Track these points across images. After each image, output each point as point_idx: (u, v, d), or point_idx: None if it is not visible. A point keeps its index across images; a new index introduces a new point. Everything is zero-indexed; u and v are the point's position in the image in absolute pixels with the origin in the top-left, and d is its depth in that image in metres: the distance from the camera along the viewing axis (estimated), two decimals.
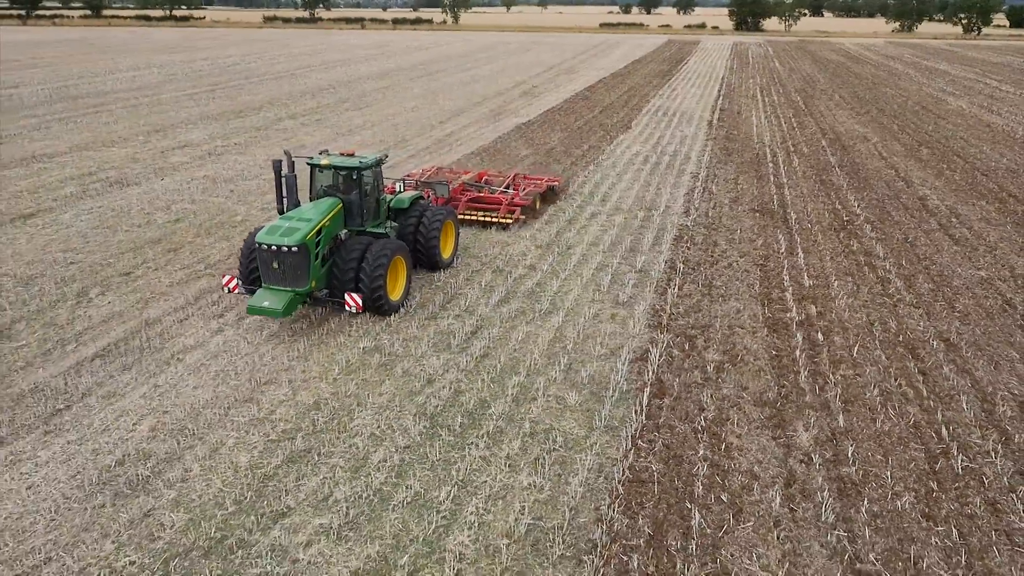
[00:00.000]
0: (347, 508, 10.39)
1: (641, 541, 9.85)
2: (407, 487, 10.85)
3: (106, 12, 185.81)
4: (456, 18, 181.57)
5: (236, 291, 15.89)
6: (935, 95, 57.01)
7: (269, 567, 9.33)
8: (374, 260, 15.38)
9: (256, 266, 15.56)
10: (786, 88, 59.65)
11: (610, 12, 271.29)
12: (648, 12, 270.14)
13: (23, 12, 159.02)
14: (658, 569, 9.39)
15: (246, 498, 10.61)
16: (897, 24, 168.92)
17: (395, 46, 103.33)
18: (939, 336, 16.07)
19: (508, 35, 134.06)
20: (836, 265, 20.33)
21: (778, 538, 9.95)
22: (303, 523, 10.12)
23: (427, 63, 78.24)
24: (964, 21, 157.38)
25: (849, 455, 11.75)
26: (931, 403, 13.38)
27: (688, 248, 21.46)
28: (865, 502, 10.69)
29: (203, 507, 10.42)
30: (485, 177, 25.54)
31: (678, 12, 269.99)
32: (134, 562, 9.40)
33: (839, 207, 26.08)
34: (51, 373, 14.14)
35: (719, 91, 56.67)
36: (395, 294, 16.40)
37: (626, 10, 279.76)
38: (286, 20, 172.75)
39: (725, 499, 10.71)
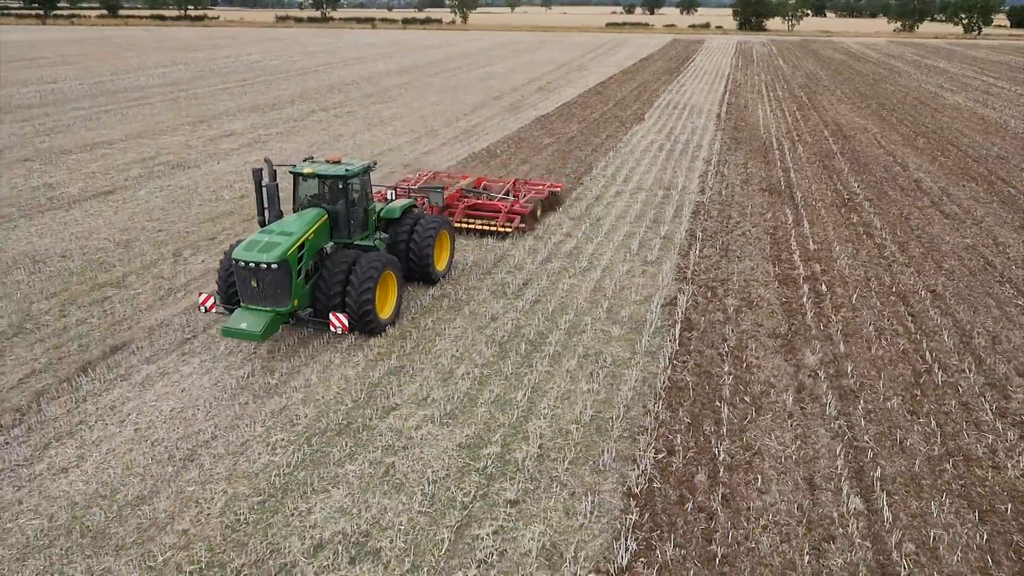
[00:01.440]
0: (443, 404, 12.93)
1: (682, 427, 12.37)
2: (489, 391, 13.39)
3: (121, 12, 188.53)
4: (465, 18, 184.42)
5: (213, 310, 14.80)
6: (933, 91, 59.46)
7: (391, 442, 11.87)
8: (362, 276, 14.32)
9: (235, 283, 14.50)
10: (790, 84, 62.10)
11: (613, 12, 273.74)
12: (651, 12, 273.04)
13: (42, 12, 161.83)
14: (696, 444, 11.91)
15: (360, 398, 13.15)
16: (899, 24, 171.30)
17: (407, 45, 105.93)
18: (927, 288, 18.58)
19: (517, 34, 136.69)
20: (838, 234, 22.84)
21: (791, 425, 12.47)
22: (410, 414, 12.66)
23: (442, 61, 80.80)
24: (965, 21, 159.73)
25: (848, 371, 14.27)
26: (918, 336, 15.90)
27: (705, 220, 23.97)
28: (861, 403, 13.21)
29: (327, 404, 12.96)
30: (484, 183, 24.66)
31: (681, 12, 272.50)
32: (282, 439, 11.93)
33: (840, 187, 28.58)
34: (171, 313, 16.69)
35: (725, 87, 59.12)
36: (385, 312, 15.28)
37: (629, 10, 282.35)
38: (298, 20, 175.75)
39: (747, 400, 13.23)
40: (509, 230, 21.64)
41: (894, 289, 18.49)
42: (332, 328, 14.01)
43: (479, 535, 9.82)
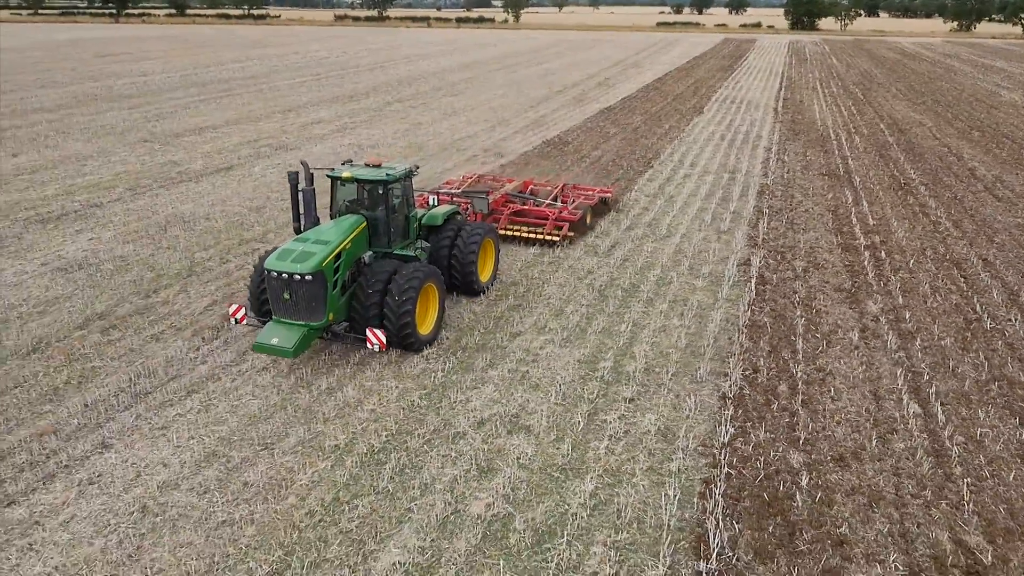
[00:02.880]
0: (560, 332, 15.47)
1: (763, 354, 14.70)
2: (596, 323, 15.89)
3: (188, 11, 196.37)
4: (517, 17, 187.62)
5: (244, 322, 14.04)
6: (990, 89, 60.12)
7: (522, 356, 14.44)
8: (401, 289, 13.43)
9: (266, 293, 13.64)
10: (844, 82, 63.28)
11: (661, 12, 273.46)
12: (700, 12, 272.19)
13: (115, 11, 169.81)
14: (776, 366, 14.23)
15: (489, 327, 15.75)
16: (955, 24, 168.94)
17: (464, 43, 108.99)
18: (979, 257, 20.52)
19: (568, 33, 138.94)
20: (895, 212, 24.78)
21: (857, 355, 14.70)
22: (533, 338, 15.22)
23: (500, 58, 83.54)
24: None
25: (907, 318, 16.41)
26: (969, 294, 17.93)
27: (770, 199, 26.11)
28: (918, 341, 15.36)
29: (462, 330, 15.57)
30: (531, 187, 23.48)
31: (730, 12, 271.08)
32: (431, 353, 14.55)
33: (897, 173, 30.38)
34: None
35: (780, 84, 60.62)
36: (425, 327, 14.39)
37: (678, 10, 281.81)
38: (355, 19, 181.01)
39: (818, 336, 15.50)
40: (557, 239, 20.33)
41: (948, 257, 20.47)
42: (369, 345, 13.17)
43: (606, 419, 12.32)
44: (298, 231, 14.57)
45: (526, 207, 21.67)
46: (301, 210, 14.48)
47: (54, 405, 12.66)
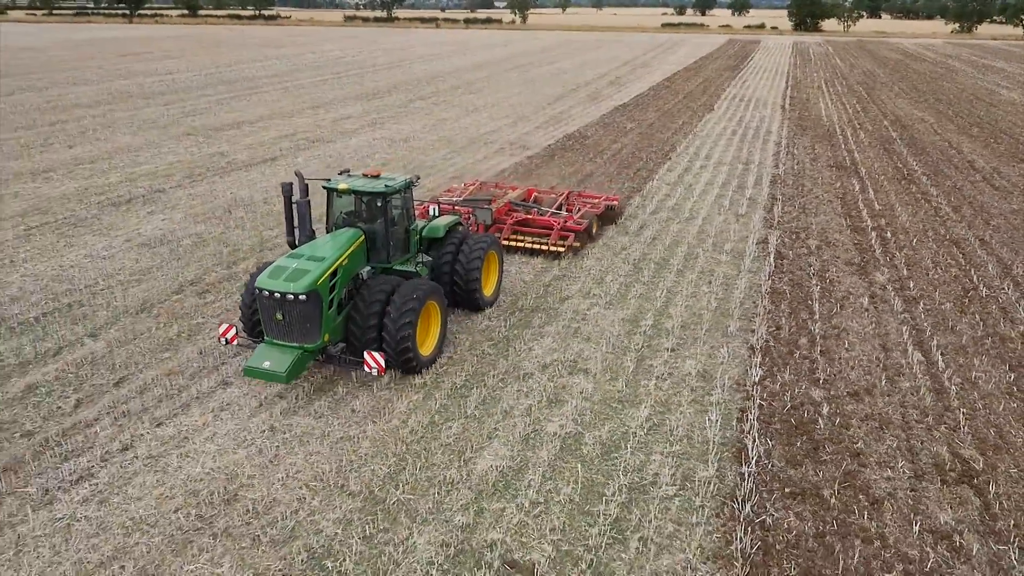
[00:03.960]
0: (603, 297, 17.43)
1: (784, 315, 16.65)
2: (634, 289, 17.86)
3: (200, 12, 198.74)
4: (524, 18, 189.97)
5: (235, 342, 13.42)
6: (989, 88, 62.07)
7: (572, 316, 16.39)
8: (401, 308, 12.72)
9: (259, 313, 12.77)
10: (848, 81, 65.22)
11: (664, 13, 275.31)
12: (703, 13, 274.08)
13: (128, 11, 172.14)
14: (796, 324, 16.19)
15: (540, 292, 17.71)
16: (956, 25, 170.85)
17: (474, 43, 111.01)
18: (976, 237, 22.47)
19: (575, 34, 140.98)
20: (899, 199, 26.74)
21: (867, 315, 16.65)
22: (581, 301, 17.18)
23: (511, 57, 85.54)
24: None
25: (911, 287, 18.37)
26: (967, 267, 19.88)
27: (782, 187, 28.07)
28: (921, 305, 17.31)
29: (515, 295, 17.54)
30: (534, 195, 22.85)
31: (733, 14, 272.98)
32: (492, 313, 16.52)
33: (900, 165, 32.33)
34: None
35: (786, 83, 62.56)
36: (426, 348, 13.69)
37: (680, 11, 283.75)
38: (365, 19, 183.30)
39: (832, 300, 17.45)
40: (562, 249, 19.67)
41: (948, 237, 22.43)
42: (367, 368, 12.45)
43: (652, 364, 14.29)
44: (292, 245, 13.87)
45: (530, 216, 20.83)
46: (295, 223, 13.76)
47: (172, 352, 14.63)
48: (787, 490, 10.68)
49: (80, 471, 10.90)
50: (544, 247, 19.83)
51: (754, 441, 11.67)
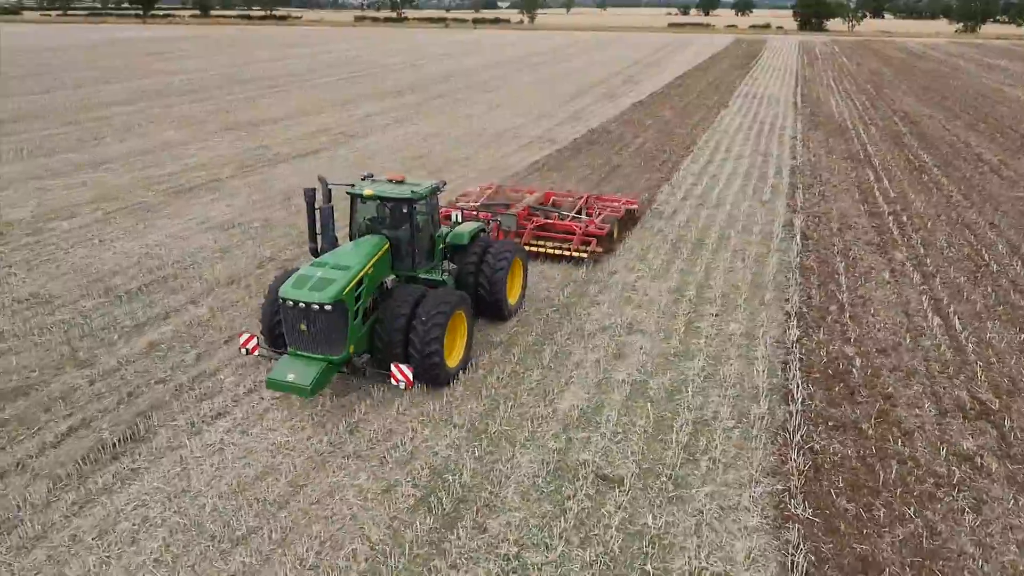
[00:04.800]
0: (647, 271, 19.11)
1: (814, 286, 18.34)
2: (675, 265, 19.56)
3: (211, 12, 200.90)
4: (532, 18, 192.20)
5: (256, 352, 13.08)
6: (994, 86, 63.71)
7: (622, 287, 18.07)
8: (428, 318, 12.43)
9: (282, 321, 12.47)
10: (856, 79, 66.88)
11: (668, 13, 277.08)
12: (706, 13, 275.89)
13: (141, 12, 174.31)
14: (826, 294, 17.88)
15: (590, 266, 19.41)
16: (960, 25, 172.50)
17: (485, 43, 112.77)
18: (986, 221, 24.14)
19: (582, 34, 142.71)
20: (912, 188, 28.42)
21: (889, 287, 18.33)
22: (627, 275, 18.85)
23: (523, 57, 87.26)
24: None
25: (927, 263, 20.06)
26: (978, 247, 21.56)
27: (801, 177, 29.75)
28: (938, 279, 18.99)
29: (567, 271, 19.24)
30: (552, 198, 22.57)
31: (736, 14, 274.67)
32: (548, 286, 18.23)
33: (912, 158, 34.01)
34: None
35: (796, 81, 64.21)
36: (453, 359, 13.36)
37: (684, 11, 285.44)
38: (374, 20, 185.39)
39: (857, 275, 19.14)
40: (585, 255, 19.37)
41: (959, 221, 24.12)
42: (394, 382, 12.15)
43: (700, 326, 15.99)
44: (314, 252, 13.65)
45: (551, 221, 20.57)
46: (318, 230, 13.37)
47: None
48: (830, 424, 12.38)
49: (217, 409, 12.62)
50: (567, 253, 19.45)
51: (798, 386, 13.36)
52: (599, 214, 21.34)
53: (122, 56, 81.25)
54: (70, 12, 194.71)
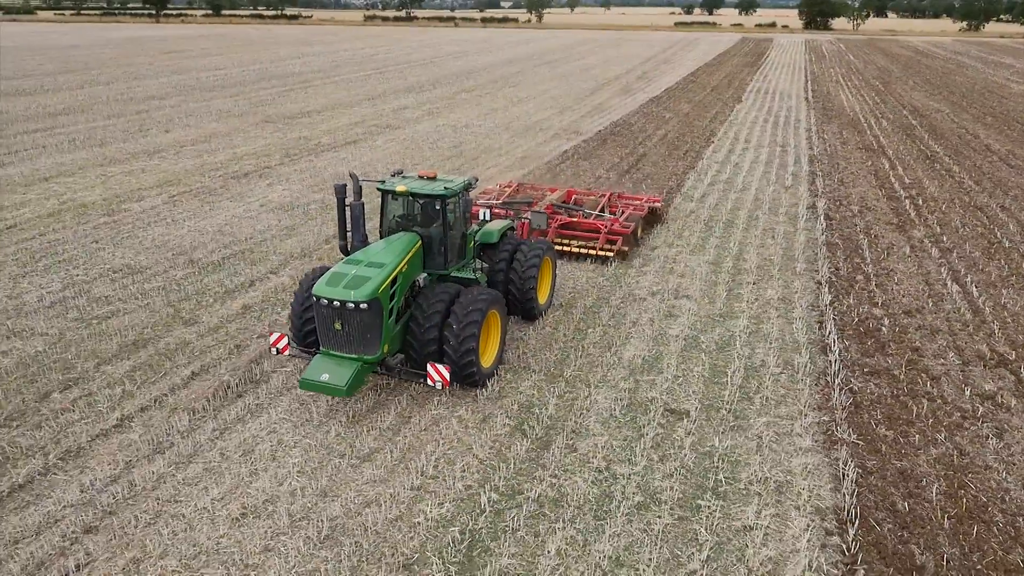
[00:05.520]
0: (686, 246, 20.68)
1: (840, 260, 19.92)
2: (710, 241, 21.13)
3: (224, 12, 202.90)
4: (540, 17, 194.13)
5: (286, 352, 12.89)
6: (1000, 82, 65.18)
7: (664, 260, 19.64)
8: (464, 317, 12.20)
9: (311, 320, 12.63)
10: (864, 76, 68.37)
11: (672, 12, 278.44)
12: (710, 12, 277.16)
13: (154, 11, 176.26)
14: (852, 266, 19.45)
15: (634, 243, 20.99)
16: (964, 24, 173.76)
17: (496, 41, 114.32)
18: (998, 205, 25.69)
19: (591, 33, 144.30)
20: (926, 174, 29.96)
21: (910, 261, 19.89)
22: (667, 250, 20.42)
23: (537, 55, 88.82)
24: None
25: (944, 240, 21.61)
26: (991, 227, 23.11)
27: (820, 164, 31.30)
28: (954, 254, 20.55)
29: (598, 268, 20.82)
30: (574, 196, 22.37)
31: (740, 13, 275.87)
32: (594, 268, 19.81)
33: (923, 148, 35.54)
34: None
35: (806, 78, 65.71)
36: (487, 359, 13.08)
37: (688, 10, 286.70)
38: (384, 19, 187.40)
39: (879, 250, 20.71)
40: (611, 254, 19.26)
41: (972, 204, 25.67)
42: (431, 382, 11.89)
43: (740, 293, 17.57)
44: (345, 250, 13.32)
45: (575, 219, 20.33)
46: (349, 227, 13.19)
47: None
48: (865, 370, 13.96)
49: None
50: (592, 251, 19.34)
51: (834, 341, 14.93)
52: (622, 212, 21.13)
53: (145, 54, 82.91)
54: (83, 12, 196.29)
